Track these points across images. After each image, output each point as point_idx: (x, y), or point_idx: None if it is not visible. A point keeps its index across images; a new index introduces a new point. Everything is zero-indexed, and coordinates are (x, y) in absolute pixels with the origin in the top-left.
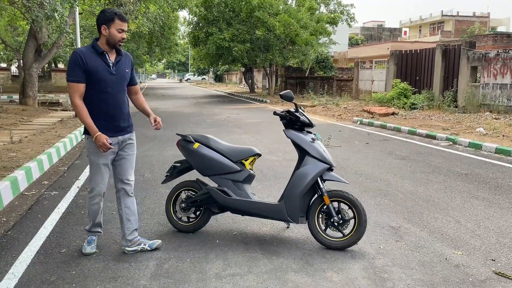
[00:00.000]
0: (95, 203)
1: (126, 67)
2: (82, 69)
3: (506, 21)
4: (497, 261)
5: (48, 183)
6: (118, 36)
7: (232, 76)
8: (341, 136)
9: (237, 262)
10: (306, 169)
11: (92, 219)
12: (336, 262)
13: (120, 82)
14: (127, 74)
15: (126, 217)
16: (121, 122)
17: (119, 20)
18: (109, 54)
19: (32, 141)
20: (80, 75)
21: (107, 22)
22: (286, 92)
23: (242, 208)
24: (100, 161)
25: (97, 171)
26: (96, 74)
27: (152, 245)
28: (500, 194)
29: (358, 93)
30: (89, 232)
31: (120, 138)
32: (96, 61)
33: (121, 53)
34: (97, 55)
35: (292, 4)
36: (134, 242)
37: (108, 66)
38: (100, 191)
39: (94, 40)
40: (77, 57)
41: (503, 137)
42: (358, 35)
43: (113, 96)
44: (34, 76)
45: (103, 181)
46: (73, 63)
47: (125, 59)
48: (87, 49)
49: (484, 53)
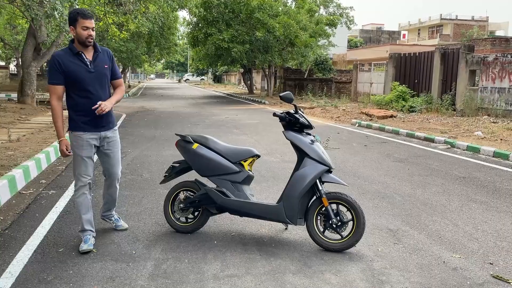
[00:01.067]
0: (81, 194)
1: (105, 63)
2: (60, 72)
3: (504, 25)
4: (495, 264)
5: (46, 182)
6: (84, 34)
7: (231, 77)
8: (340, 138)
9: (235, 263)
10: (305, 171)
11: (80, 215)
12: (334, 264)
13: (100, 78)
14: (106, 69)
15: (106, 201)
16: (103, 118)
17: (82, 19)
18: (85, 53)
19: (30, 139)
20: (58, 77)
21: (73, 23)
22: (286, 93)
23: (241, 209)
24: (83, 154)
25: (80, 163)
26: (74, 74)
27: (118, 226)
28: (498, 198)
29: (356, 95)
30: (82, 232)
31: (102, 134)
32: (73, 62)
33: (98, 50)
34: (74, 55)
35: (291, 5)
36: (107, 217)
37: (85, 65)
38: (84, 181)
39: (70, 41)
40: (55, 61)
41: (501, 141)
42: (357, 38)
43: (94, 94)
44: (32, 74)
45: (86, 172)
46: (51, 67)
47: (103, 55)
48: (64, 51)
49: (482, 57)
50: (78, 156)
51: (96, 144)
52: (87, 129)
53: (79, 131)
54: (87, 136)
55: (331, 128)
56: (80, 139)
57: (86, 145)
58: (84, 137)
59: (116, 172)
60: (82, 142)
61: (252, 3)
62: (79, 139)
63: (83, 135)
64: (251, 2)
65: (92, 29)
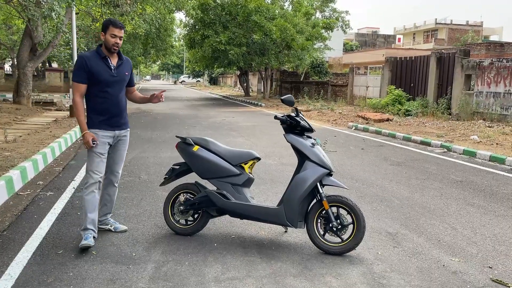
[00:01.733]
0: (90, 191)
1: (126, 71)
2: (85, 71)
3: (498, 30)
4: (494, 268)
5: (43, 184)
6: (112, 41)
7: (227, 79)
8: (337, 141)
9: (236, 265)
10: (305, 174)
11: (86, 213)
12: (334, 267)
13: (120, 83)
14: (127, 76)
15: (104, 202)
16: (119, 118)
17: (112, 27)
18: (111, 58)
19: (27, 140)
20: (83, 76)
21: (104, 29)
22: (287, 96)
23: (241, 211)
24: (97, 150)
25: (93, 160)
26: (98, 76)
27: (117, 228)
28: (495, 202)
29: (352, 99)
30: (84, 231)
31: (116, 133)
32: (99, 64)
33: (122, 58)
34: (100, 59)
35: (288, 9)
36: (103, 223)
37: (110, 69)
38: (96, 178)
39: (98, 46)
40: (82, 60)
41: (497, 145)
42: (352, 41)
43: (113, 96)
44: (28, 75)
45: (99, 169)
46: (78, 66)
47: (126, 63)
48: (91, 54)
49: (478, 62)
50: (92, 153)
51: (110, 143)
52: (103, 128)
53: (95, 128)
54: (102, 134)
55: (328, 131)
56: (96, 136)
57: (101, 142)
58: (100, 134)
59: (117, 170)
60: (98, 140)
61: (249, 6)
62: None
63: (99, 132)
64: (248, 5)
65: (120, 38)
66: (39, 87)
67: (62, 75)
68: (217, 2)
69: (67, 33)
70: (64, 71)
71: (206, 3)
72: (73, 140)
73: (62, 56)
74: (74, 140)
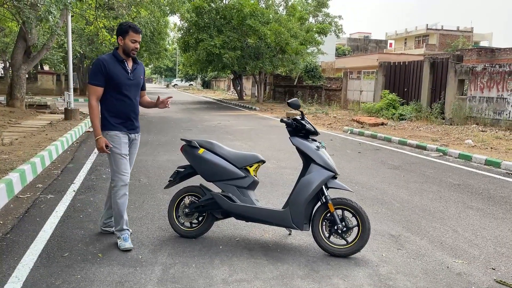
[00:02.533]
0: (122, 194)
1: (141, 74)
2: (103, 74)
3: (488, 36)
4: (497, 269)
5: (43, 186)
6: (131, 46)
7: (220, 83)
8: (333, 145)
9: (243, 268)
10: (311, 177)
11: (121, 215)
12: (340, 269)
13: (136, 86)
14: (141, 80)
15: (110, 204)
16: (134, 121)
17: (133, 32)
18: (127, 62)
19: (23, 143)
20: (100, 79)
21: (123, 34)
22: (294, 100)
23: (247, 214)
24: (122, 151)
25: (120, 161)
26: (116, 79)
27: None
28: (493, 205)
29: (346, 103)
30: (121, 232)
31: (132, 136)
32: (116, 68)
33: (137, 62)
34: (117, 62)
35: (282, 13)
36: (107, 225)
37: (127, 72)
38: (125, 180)
39: (114, 49)
40: (100, 63)
41: (491, 149)
42: (345, 46)
43: (130, 99)
44: (22, 77)
45: (126, 170)
46: (96, 69)
47: (140, 67)
48: (108, 57)
49: (471, 67)
50: (117, 155)
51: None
52: (121, 129)
53: (115, 130)
54: (122, 136)
55: (324, 135)
56: (118, 138)
57: (124, 144)
58: (121, 135)
59: None
60: (120, 141)
61: (244, 10)
62: (116, 138)
63: (119, 133)
64: (243, 9)
65: (139, 43)
66: (31, 90)
67: (54, 78)
68: (211, 6)
69: (62, 36)
70: (56, 74)
71: (201, 7)
72: (69, 143)
73: (55, 59)
74: (71, 143)
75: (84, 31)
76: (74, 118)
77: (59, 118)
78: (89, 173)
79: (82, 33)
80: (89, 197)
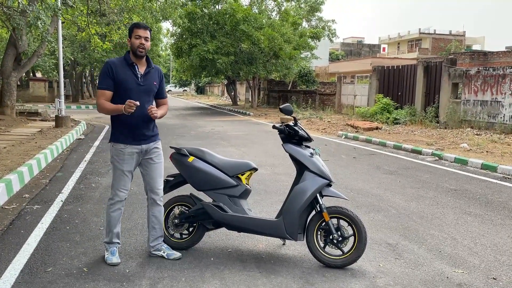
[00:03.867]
0: (116, 209)
1: (154, 80)
2: (110, 77)
3: (480, 39)
4: (498, 279)
5: (30, 197)
6: (136, 42)
7: (214, 88)
8: (328, 150)
9: (235, 281)
10: (305, 185)
11: (111, 228)
12: (337, 281)
13: (148, 93)
14: (155, 86)
15: (152, 225)
16: (145, 131)
17: (136, 28)
18: (138, 65)
19: (11, 152)
20: (109, 83)
21: (129, 34)
22: (286, 105)
23: (239, 224)
24: (124, 168)
25: (120, 178)
26: (124, 83)
27: (170, 255)
28: (491, 211)
29: (340, 107)
30: (109, 244)
31: (144, 147)
32: (125, 71)
33: (151, 65)
34: (127, 66)
35: (275, 18)
36: (155, 249)
37: (136, 77)
38: (122, 197)
39: (126, 52)
40: (107, 67)
41: (487, 153)
42: (338, 50)
43: (139, 106)
44: (12, 85)
45: (125, 187)
46: (104, 73)
47: (154, 72)
48: (118, 60)
49: (465, 70)
50: (118, 170)
51: (138, 158)
52: (128, 142)
53: (119, 143)
54: (128, 150)
55: (318, 140)
56: (121, 153)
57: (128, 159)
58: (125, 150)
59: (157, 187)
60: (123, 156)
61: (237, 15)
62: (120, 153)
63: (124, 148)
64: (236, 14)
65: (145, 39)
66: (22, 97)
67: (46, 85)
68: (204, 11)
69: (52, 42)
70: (48, 81)
71: (194, 12)
72: (59, 151)
73: (47, 65)
74: (61, 151)
75: (76, 38)
76: (65, 125)
77: (50, 126)
78: (78, 182)
79: (74, 39)
80: (77, 207)
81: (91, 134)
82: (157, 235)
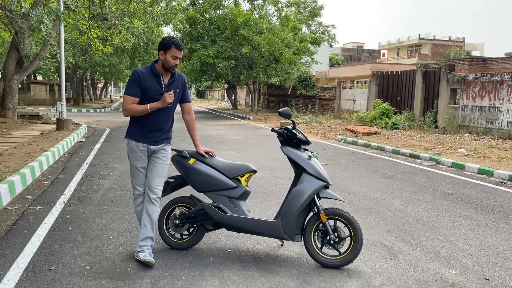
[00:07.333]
0: (140, 203)
1: (177, 88)
2: (138, 85)
3: (480, 46)
4: (491, 280)
5: (32, 198)
6: (172, 62)
7: (214, 93)
8: (327, 154)
9: (234, 280)
10: (303, 187)
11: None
12: (333, 280)
13: None
14: (177, 93)
15: (143, 222)
16: (160, 135)
17: (175, 48)
18: (163, 76)
19: (13, 154)
20: (136, 91)
21: (165, 49)
22: (284, 109)
23: (238, 225)
24: (137, 165)
25: (135, 173)
26: (149, 92)
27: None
28: (487, 214)
29: (340, 112)
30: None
31: (152, 148)
32: (151, 81)
33: (175, 75)
34: (153, 75)
35: (276, 24)
36: (142, 250)
37: (160, 87)
38: (140, 191)
39: (153, 61)
40: (136, 75)
41: (484, 158)
42: (338, 56)
43: (160, 114)
44: (14, 88)
45: (141, 182)
46: (132, 80)
47: (178, 80)
48: (146, 69)
49: (463, 76)
50: (133, 167)
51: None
52: (140, 140)
53: (133, 140)
54: (140, 148)
55: (317, 144)
56: (134, 151)
57: (141, 156)
58: (138, 148)
59: (153, 185)
60: (136, 154)
61: (237, 20)
62: (133, 151)
63: (137, 146)
64: (237, 19)
65: (179, 59)
66: (24, 100)
67: (47, 88)
68: (205, 16)
69: (54, 46)
70: (49, 84)
71: (194, 17)
72: (60, 154)
73: (48, 69)
74: (62, 154)
75: (78, 41)
76: (66, 128)
77: (51, 129)
78: (80, 184)
79: (76, 43)
80: (79, 208)
81: (92, 137)
82: (146, 234)
